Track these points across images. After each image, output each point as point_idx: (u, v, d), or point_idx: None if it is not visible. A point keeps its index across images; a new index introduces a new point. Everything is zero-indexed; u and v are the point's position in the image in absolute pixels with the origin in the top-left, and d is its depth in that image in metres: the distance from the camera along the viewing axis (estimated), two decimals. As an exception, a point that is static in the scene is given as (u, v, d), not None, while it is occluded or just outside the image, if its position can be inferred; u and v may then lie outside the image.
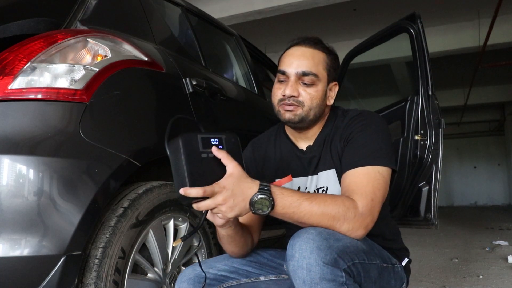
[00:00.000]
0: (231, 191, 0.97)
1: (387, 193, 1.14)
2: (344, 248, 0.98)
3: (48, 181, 1.03)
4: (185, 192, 0.94)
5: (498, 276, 3.10)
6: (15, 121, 1.04)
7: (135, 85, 1.31)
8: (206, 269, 1.19)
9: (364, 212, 1.04)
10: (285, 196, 1.00)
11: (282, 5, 5.98)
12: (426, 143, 2.23)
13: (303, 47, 1.24)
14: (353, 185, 1.11)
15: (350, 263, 0.98)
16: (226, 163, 0.99)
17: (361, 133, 1.19)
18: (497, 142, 15.84)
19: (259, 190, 0.98)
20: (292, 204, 1.00)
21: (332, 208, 1.01)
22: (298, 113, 1.21)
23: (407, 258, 1.27)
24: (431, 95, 2.26)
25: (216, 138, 1.02)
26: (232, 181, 0.97)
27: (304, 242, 0.96)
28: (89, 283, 1.08)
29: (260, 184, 0.99)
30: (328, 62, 1.26)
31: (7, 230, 0.98)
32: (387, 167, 1.14)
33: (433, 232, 5.91)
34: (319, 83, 1.23)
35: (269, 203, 0.98)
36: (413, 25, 2.34)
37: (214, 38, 2.39)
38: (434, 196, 2.25)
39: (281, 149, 1.34)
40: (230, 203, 0.97)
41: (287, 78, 1.22)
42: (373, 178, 1.11)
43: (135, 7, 1.58)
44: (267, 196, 0.97)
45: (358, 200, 1.06)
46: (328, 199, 1.03)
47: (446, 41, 7.73)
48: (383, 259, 1.15)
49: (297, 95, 1.21)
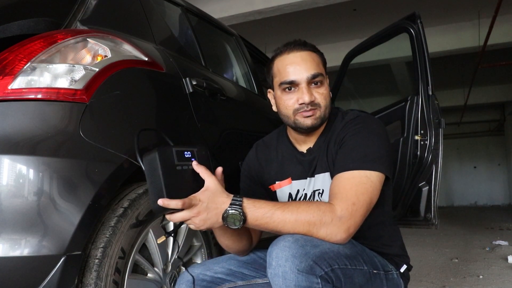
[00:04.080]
0: (206, 204, 1.01)
1: (376, 197, 1.11)
2: (322, 254, 0.98)
3: (48, 181, 1.03)
4: (163, 203, 0.97)
5: (498, 276, 3.10)
6: (15, 121, 1.04)
7: (135, 85, 1.31)
8: (204, 271, 1.23)
9: (343, 215, 1.03)
10: (257, 209, 1.02)
11: (282, 5, 5.97)
12: (426, 143, 2.23)
13: (298, 52, 1.23)
14: (335, 189, 1.10)
15: (328, 269, 0.97)
16: (204, 177, 1.04)
17: (353, 136, 1.17)
18: (497, 142, 15.83)
19: (231, 205, 1.01)
20: (265, 215, 1.02)
21: (306, 214, 1.01)
22: (318, 115, 1.22)
23: (406, 265, 1.25)
24: (431, 95, 2.26)
25: (189, 151, 1.07)
26: (208, 195, 1.02)
27: (280, 250, 0.96)
28: (89, 283, 1.08)
29: (233, 199, 1.03)
30: (321, 60, 1.27)
31: (7, 230, 0.98)
32: (377, 171, 1.11)
33: (433, 232, 5.91)
34: (325, 81, 1.24)
35: (240, 218, 1.01)
36: (413, 25, 2.34)
37: (214, 38, 2.39)
38: (434, 196, 2.26)
39: (282, 152, 1.34)
40: (203, 216, 1.01)
41: (296, 86, 1.21)
42: (357, 182, 1.09)
43: (135, 7, 1.58)
44: (238, 212, 1.00)
45: (337, 204, 1.04)
46: (302, 205, 1.03)
47: (446, 41, 7.72)
48: (374, 265, 1.13)
49: (314, 100, 1.21)
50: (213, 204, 1.02)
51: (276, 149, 1.36)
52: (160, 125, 1.35)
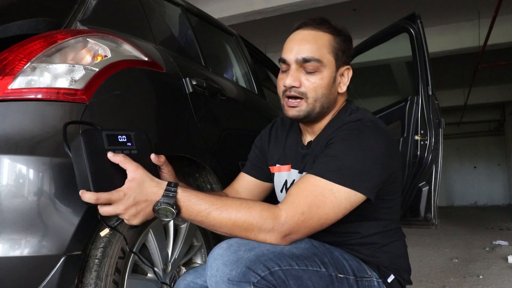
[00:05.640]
0: (132, 198, 0.91)
1: (337, 215, 0.99)
2: (258, 257, 0.90)
3: (48, 181, 1.02)
4: (88, 199, 0.89)
5: (498, 276, 3.10)
6: (15, 121, 1.04)
7: (135, 85, 1.31)
8: (195, 279, 1.17)
9: (286, 223, 0.94)
10: (192, 205, 0.94)
11: (282, 5, 5.98)
12: (426, 143, 2.23)
13: (304, 30, 1.13)
14: (293, 190, 1.00)
15: (266, 272, 0.89)
16: (126, 166, 0.92)
17: (340, 142, 1.04)
18: (497, 142, 15.83)
19: (163, 196, 0.92)
20: (200, 214, 0.94)
21: (246, 218, 0.93)
22: (303, 108, 1.11)
23: (394, 276, 1.13)
24: (431, 95, 2.27)
25: (124, 135, 0.94)
26: (134, 187, 0.91)
27: (213, 259, 0.92)
28: (89, 283, 1.08)
29: (166, 189, 0.93)
30: (335, 44, 1.12)
31: (7, 230, 0.98)
32: (349, 188, 0.98)
33: (433, 232, 5.91)
34: (324, 69, 1.10)
35: (173, 211, 0.92)
36: (413, 25, 2.34)
37: (214, 38, 2.39)
38: (434, 196, 2.26)
39: (291, 138, 1.29)
40: (132, 211, 0.92)
41: (288, 67, 1.12)
42: (319, 192, 0.97)
43: (135, 7, 1.58)
44: (170, 205, 0.91)
45: (284, 210, 0.96)
46: (243, 208, 0.95)
47: (446, 41, 7.73)
48: (341, 268, 1.03)
49: (298, 85, 1.10)
50: (141, 196, 0.91)
51: (288, 133, 1.31)
52: (160, 125, 1.35)
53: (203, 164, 1.47)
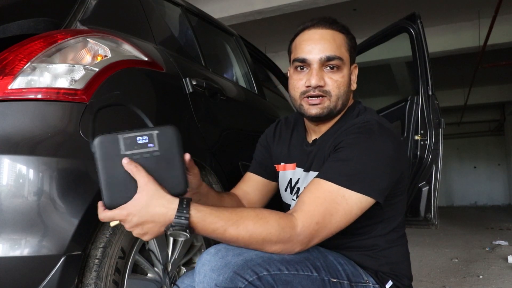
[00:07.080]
0: (137, 218, 0.85)
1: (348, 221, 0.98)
2: (246, 262, 0.88)
3: (48, 181, 1.02)
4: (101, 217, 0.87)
5: (498, 276, 3.10)
6: (15, 121, 1.04)
7: (135, 85, 1.31)
8: (192, 283, 1.14)
9: (302, 233, 0.93)
10: (207, 224, 0.88)
11: (282, 5, 5.98)
12: (426, 143, 2.23)
13: (320, 29, 1.12)
14: (306, 196, 0.98)
15: (254, 277, 0.87)
16: (136, 178, 0.85)
17: (350, 146, 1.03)
18: (497, 142, 15.84)
19: (176, 218, 0.84)
20: (216, 231, 0.89)
21: (263, 229, 0.90)
22: (326, 105, 1.11)
23: (392, 282, 1.11)
24: (431, 95, 2.27)
25: (145, 135, 0.84)
26: (139, 206, 0.85)
27: (201, 265, 0.91)
28: (89, 283, 1.08)
29: (178, 210, 0.85)
30: (349, 42, 1.15)
31: (7, 230, 0.98)
32: (360, 193, 0.98)
33: (433, 232, 5.91)
34: (344, 67, 1.12)
35: (186, 235, 0.86)
36: (413, 25, 2.34)
37: (214, 38, 2.39)
38: (434, 196, 2.26)
39: (295, 136, 1.30)
40: (138, 230, 0.88)
41: (308, 66, 1.11)
42: (332, 199, 0.96)
43: (135, 7, 1.58)
44: (183, 229, 0.85)
45: (299, 219, 0.93)
46: (260, 219, 0.90)
47: (446, 41, 7.73)
48: (334, 273, 1.01)
49: (323, 85, 1.10)
50: (147, 216, 0.85)
51: (292, 131, 1.32)
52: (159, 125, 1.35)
53: (203, 164, 1.47)
